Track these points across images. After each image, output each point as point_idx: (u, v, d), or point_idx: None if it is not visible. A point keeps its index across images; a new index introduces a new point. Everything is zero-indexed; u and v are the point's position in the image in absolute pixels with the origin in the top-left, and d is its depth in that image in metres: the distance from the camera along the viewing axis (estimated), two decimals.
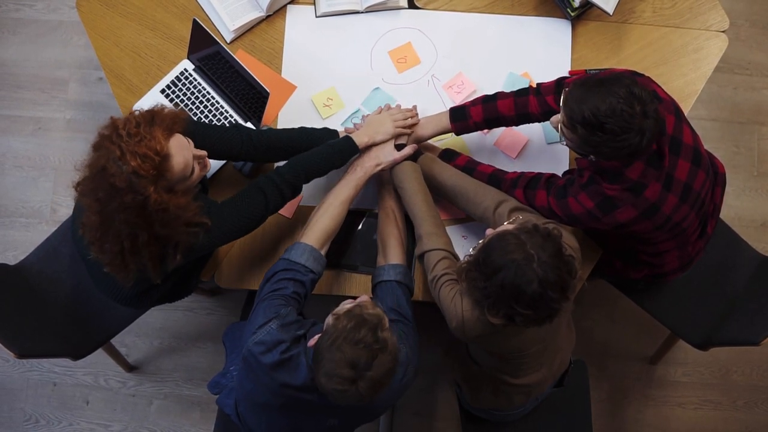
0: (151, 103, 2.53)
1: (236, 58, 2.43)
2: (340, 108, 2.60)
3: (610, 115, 1.94)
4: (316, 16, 2.68)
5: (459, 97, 2.60)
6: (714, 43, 2.65)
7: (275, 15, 2.68)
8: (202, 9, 2.68)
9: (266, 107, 2.49)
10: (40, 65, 3.46)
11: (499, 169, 2.37)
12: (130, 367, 3.19)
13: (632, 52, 2.65)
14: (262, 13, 2.65)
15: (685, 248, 2.35)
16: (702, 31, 2.67)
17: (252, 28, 2.67)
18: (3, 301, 2.45)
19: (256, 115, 2.54)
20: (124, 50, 2.65)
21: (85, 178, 1.99)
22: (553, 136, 2.56)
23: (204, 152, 2.12)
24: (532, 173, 2.30)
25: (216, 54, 2.48)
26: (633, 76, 2.16)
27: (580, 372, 2.59)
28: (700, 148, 2.21)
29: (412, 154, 2.40)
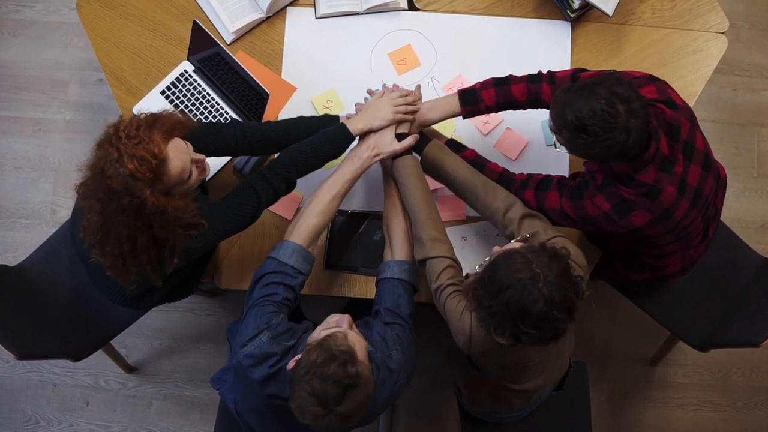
0: (151, 105, 2.56)
1: (236, 59, 2.43)
2: (340, 110, 2.60)
3: (592, 117, 1.94)
4: (316, 18, 2.68)
5: None
6: (714, 44, 2.65)
7: (275, 16, 2.68)
8: (202, 10, 2.68)
9: (266, 109, 2.49)
10: (40, 66, 3.46)
11: (507, 169, 2.33)
12: (130, 368, 3.19)
13: (632, 54, 2.65)
14: (262, 15, 2.65)
15: (687, 251, 2.35)
16: (702, 32, 2.67)
17: (252, 29, 2.67)
18: (3, 302, 2.45)
19: (256, 117, 2.54)
20: (124, 51, 2.65)
21: (86, 180, 2.00)
22: (553, 138, 2.55)
23: (203, 156, 2.10)
24: (541, 175, 2.28)
25: (216, 55, 2.49)
26: (650, 80, 2.16)
27: (581, 373, 2.59)
28: (710, 154, 2.21)
29: (405, 132, 2.32)
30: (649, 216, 2.11)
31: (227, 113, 2.58)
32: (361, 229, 2.51)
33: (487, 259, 2.00)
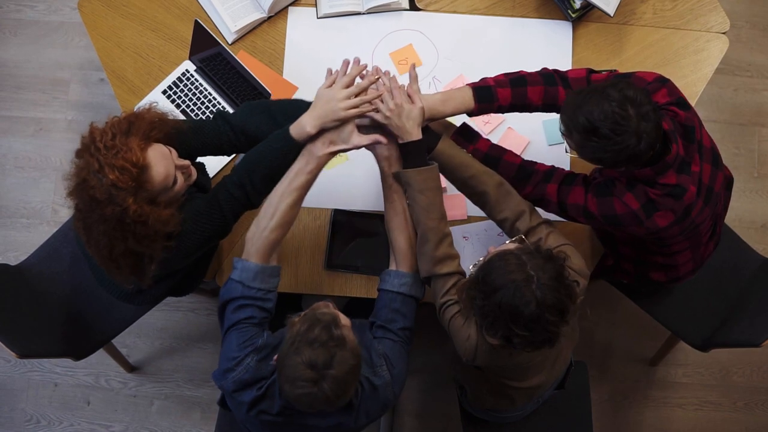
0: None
1: (238, 59, 2.44)
2: None
3: (603, 119, 1.93)
4: (318, 18, 2.68)
5: None
6: (715, 44, 2.65)
7: (277, 16, 2.68)
8: (204, 10, 2.68)
9: None
10: (42, 66, 3.47)
11: (526, 160, 2.22)
12: (131, 368, 3.19)
13: (633, 54, 2.65)
14: (264, 14, 2.65)
15: (698, 249, 2.35)
16: (703, 32, 2.67)
17: (253, 29, 2.67)
18: (4, 302, 2.45)
19: None
20: (125, 51, 2.65)
21: (72, 188, 1.98)
22: (555, 137, 2.56)
23: (187, 162, 2.07)
24: (566, 170, 2.22)
25: (217, 55, 2.49)
26: (661, 83, 2.15)
27: (581, 373, 2.59)
28: (716, 149, 2.22)
29: (422, 127, 2.13)
30: (672, 216, 2.10)
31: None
32: (362, 229, 2.51)
33: (481, 259, 2.00)
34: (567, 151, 2.11)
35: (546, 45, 2.65)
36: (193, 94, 2.60)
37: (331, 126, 2.07)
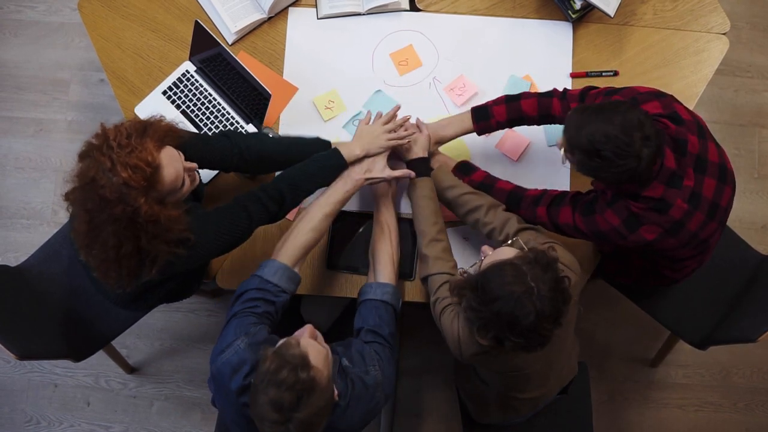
0: (152, 105, 2.56)
1: (238, 59, 2.44)
2: (341, 110, 2.60)
3: (606, 143, 1.95)
4: (318, 18, 2.68)
5: (460, 100, 2.60)
6: (715, 45, 2.65)
7: (277, 17, 2.68)
8: (204, 11, 2.68)
9: (268, 109, 2.49)
10: (42, 67, 3.47)
11: (518, 186, 2.34)
12: (131, 369, 3.19)
13: (633, 55, 2.65)
14: (264, 15, 2.65)
15: (704, 257, 2.35)
16: (703, 33, 2.67)
17: (254, 29, 2.67)
18: (4, 303, 2.45)
19: (257, 117, 2.54)
20: (125, 52, 2.65)
21: (74, 189, 1.97)
22: (555, 138, 2.56)
23: (194, 165, 2.10)
24: (556, 191, 2.28)
25: (218, 56, 2.49)
26: (654, 96, 2.16)
27: (582, 374, 2.59)
28: (727, 164, 2.20)
29: (426, 158, 2.37)
30: (659, 229, 2.11)
31: (229, 113, 2.58)
32: (363, 230, 2.51)
33: (479, 261, 2.01)
34: (563, 163, 2.11)
35: (546, 45, 2.65)
36: (193, 95, 2.60)
37: (375, 152, 2.34)
